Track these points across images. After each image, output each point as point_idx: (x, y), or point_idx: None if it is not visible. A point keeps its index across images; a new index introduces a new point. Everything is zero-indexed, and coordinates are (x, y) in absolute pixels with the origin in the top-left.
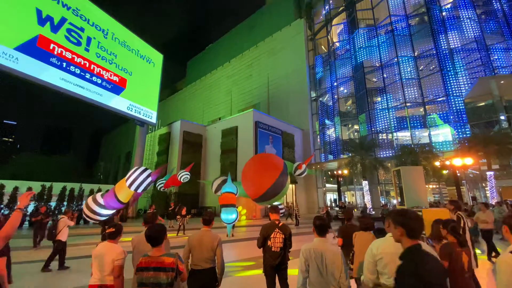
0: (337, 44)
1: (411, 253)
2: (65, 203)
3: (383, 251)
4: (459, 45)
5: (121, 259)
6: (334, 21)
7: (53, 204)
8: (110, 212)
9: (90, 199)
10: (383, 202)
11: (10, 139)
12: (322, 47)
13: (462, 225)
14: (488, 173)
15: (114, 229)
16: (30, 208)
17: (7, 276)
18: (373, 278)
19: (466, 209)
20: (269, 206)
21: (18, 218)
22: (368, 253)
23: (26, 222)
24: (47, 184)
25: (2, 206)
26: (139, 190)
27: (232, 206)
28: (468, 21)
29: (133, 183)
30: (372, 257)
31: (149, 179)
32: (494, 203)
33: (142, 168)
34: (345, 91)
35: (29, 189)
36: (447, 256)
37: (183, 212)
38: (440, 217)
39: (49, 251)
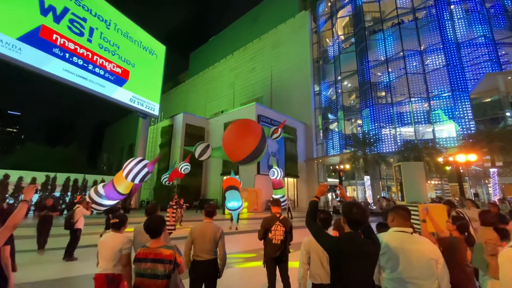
0: (342, 37)
1: (346, 235)
2: (69, 193)
3: (386, 245)
4: (466, 40)
5: (127, 248)
6: (339, 14)
7: (57, 194)
8: (113, 202)
9: (92, 191)
10: (378, 197)
11: (15, 130)
12: (327, 40)
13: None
14: (491, 169)
15: (118, 220)
16: (35, 198)
17: (12, 265)
18: (375, 272)
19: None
20: (271, 199)
21: (24, 209)
22: None
23: (31, 212)
24: (51, 174)
25: (7, 195)
26: (136, 181)
27: (237, 190)
28: (477, 14)
29: (129, 173)
30: None
31: (145, 170)
32: (496, 200)
33: (138, 158)
34: (349, 85)
35: (34, 179)
36: (448, 249)
37: (181, 201)
38: (436, 213)
39: (54, 250)
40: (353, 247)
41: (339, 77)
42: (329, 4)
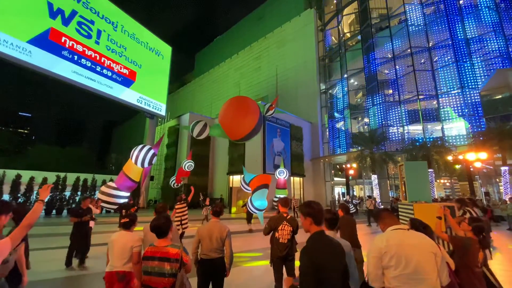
0: (348, 34)
1: (319, 236)
2: (79, 193)
3: (388, 243)
4: (476, 35)
5: (138, 246)
6: (345, 11)
7: (67, 193)
8: (126, 194)
9: (103, 187)
10: (366, 196)
11: (26, 131)
12: (333, 37)
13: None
14: (502, 168)
15: (128, 219)
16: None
17: (26, 262)
18: (380, 273)
19: (478, 205)
20: (276, 200)
21: (39, 209)
22: (373, 249)
23: (43, 211)
24: (62, 174)
25: (19, 195)
26: (145, 165)
27: (266, 187)
28: (486, 9)
29: (137, 159)
30: (378, 252)
31: (151, 152)
32: (507, 199)
33: (141, 145)
34: (356, 83)
35: (45, 179)
36: (459, 249)
37: (207, 202)
38: (431, 212)
39: (65, 248)
40: (324, 245)
41: (345, 75)
42: (335, 1)
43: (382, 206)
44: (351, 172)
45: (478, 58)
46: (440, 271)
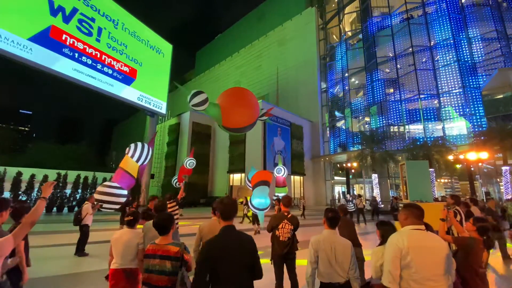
0: (349, 33)
1: (225, 230)
2: (79, 190)
3: (409, 245)
4: (478, 34)
5: (143, 243)
6: (347, 9)
7: (68, 191)
8: (126, 192)
9: (99, 187)
10: (354, 195)
11: (26, 128)
12: (334, 36)
13: (458, 219)
14: (503, 168)
15: (132, 217)
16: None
17: (26, 259)
18: (399, 274)
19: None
20: (275, 198)
21: (42, 206)
22: (393, 249)
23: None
24: (62, 172)
25: (20, 192)
26: (145, 162)
27: (268, 186)
28: (489, 9)
29: (139, 159)
30: (399, 252)
31: (150, 150)
32: (509, 199)
33: (138, 143)
34: (356, 82)
35: (45, 176)
36: (464, 248)
37: (244, 201)
38: (432, 211)
39: (66, 245)
40: (230, 239)
41: (346, 74)
42: (336, 0)
43: (382, 205)
44: (352, 171)
45: (480, 58)
46: (451, 270)
